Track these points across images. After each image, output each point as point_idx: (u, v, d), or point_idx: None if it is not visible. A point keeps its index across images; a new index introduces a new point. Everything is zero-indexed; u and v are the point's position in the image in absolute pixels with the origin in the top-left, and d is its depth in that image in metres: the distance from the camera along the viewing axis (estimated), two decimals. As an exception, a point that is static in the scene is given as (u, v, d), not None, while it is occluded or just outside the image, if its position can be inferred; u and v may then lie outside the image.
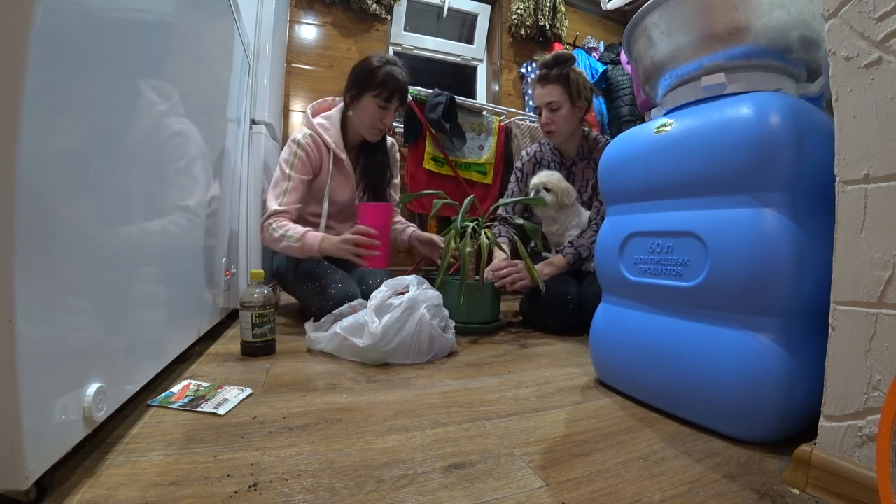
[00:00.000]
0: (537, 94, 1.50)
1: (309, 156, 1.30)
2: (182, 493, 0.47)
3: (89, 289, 0.49)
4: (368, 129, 1.35)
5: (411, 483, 0.51)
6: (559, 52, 1.51)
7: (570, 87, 1.45)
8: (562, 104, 1.46)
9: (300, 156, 1.29)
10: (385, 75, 1.28)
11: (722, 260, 0.64)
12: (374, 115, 1.32)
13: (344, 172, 1.39)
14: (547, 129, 1.50)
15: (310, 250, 1.21)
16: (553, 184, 1.44)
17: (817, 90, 0.72)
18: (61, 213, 0.43)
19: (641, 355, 0.76)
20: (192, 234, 0.91)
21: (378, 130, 1.35)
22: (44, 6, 0.38)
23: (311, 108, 1.41)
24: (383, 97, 1.29)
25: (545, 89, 1.47)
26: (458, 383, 0.87)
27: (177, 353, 0.82)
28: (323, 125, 1.35)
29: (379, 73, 1.28)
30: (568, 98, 1.46)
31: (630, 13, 2.48)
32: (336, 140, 1.35)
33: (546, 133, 1.52)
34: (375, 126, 1.34)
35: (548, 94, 1.46)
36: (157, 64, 0.68)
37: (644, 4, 0.77)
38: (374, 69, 1.29)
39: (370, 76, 1.29)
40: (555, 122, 1.47)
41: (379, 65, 1.30)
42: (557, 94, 1.45)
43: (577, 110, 1.49)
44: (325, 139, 1.33)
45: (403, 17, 2.46)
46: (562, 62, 1.46)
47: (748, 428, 0.63)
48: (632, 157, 0.81)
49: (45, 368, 0.41)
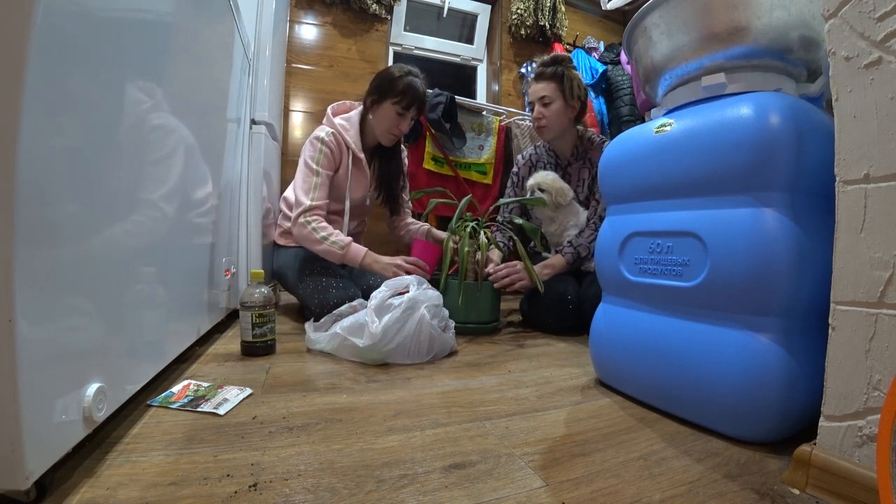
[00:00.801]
0: (532, 90, 1.54)
1: (332, 152, 1.35)
2: (182, 493, 0.47)
3: (89, 289, 0.49)
4: (385, 134, 1.41)
5: (411, 483, 0.51)
6: (558, 53, 1.55)
7: (564, 84, 1.49)
8: (554, 99, 1.49)
9: (325, 152, 1.33)
10: (406, 85, 1.35)
11: (722, 260, 0.64)
12: (392, 121, 1.38)
13: (361, 171, 1.44)
14: (538, 123, 1.53)
15: (351, 261, 1.28)
16: (548, 184, 1.45)
17: (817, 90, 0.72)
18: (61, 213, 0.43)
19: (641, 355, 0.76)
20: (192, 234, 0.91)
21: (394, 136, 1.42)
22: (44, 6, 0.38)
23: (332, 109, 1.46)
24: (403, 105, 1.36)
25: (539, 85, 1.51)
26: (458, 383, 0.87)
27: (177, 353, 0.82)
28: (343, 125, 1.39)
29: (401, 83, 1.35)
30: (561, 94, 1.49)
31: (630, 13, 2.48)
32: (355, 140, 1.40)
33: (537, 129, 1.55)
34: (391, 132, 1.40)
35: (542, 89, 1.50)
36: (157, 64, 0.68)
37: (644, 4, 0.77)
38: (397, 78, 1.36)
39: (392, 84, 1.35)
40: (546, 116, 1.50)
41: (401, 74, 1.37)
42: (550, 90, 1.49)
43: (570, 109, 1.51)
44: (345, 138, 1.38)
45: (403, 17, 2.46)
46: (559, 62, 1.51)
47: (748, 428, 0.63)
48: (632, 157, 0.81)
49: (45, 368, 0.41)
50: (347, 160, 1.39)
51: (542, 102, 1.50)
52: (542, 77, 1.52)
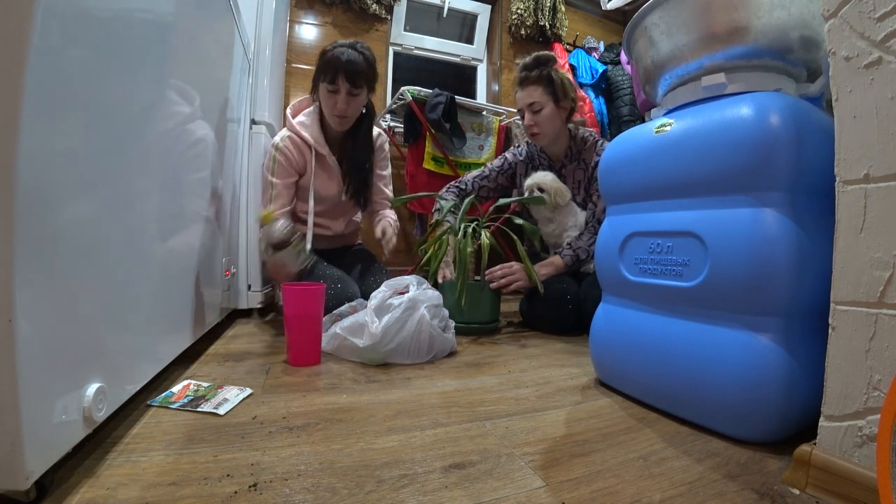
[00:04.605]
0: (518, 98, 1.48)
1: (288, 158, 1.29)
2: (182, 493, 0.47)
3: (89, 289, 0.49)
4: (330, 118, 1.31)
5: (411, 483, 0.51)
6: (539, 53, 1.47)
7: (554, 86, 1.43)
8: (544, 105, 1.43)
9: (279, 160, 1.29)
10: (328, 58, 1.24)
11: (722, 260, 0.64)
12: (329, 101, 1.27)
13: (327, 169, 1.37)
14: (531, 131, 1.48)
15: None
16: (547, 184, 1.44)
17: (817, 90, 0.72)
18: (61, 213, 0.43)
19: (641, 355, 0.76)
20: (192, 234, 0.91)
21: (338, 118, 1.29)
22: (44, 6, 0.38)
23: (291, 109, 1.38)
24: (328, 79, 1.24)
25: (525, 91, 1.45)
26: (458, 383, 0.87)
27: (177, 353, 0.82)
28: (303, 123, 1.33)
29: (323, 58, 1.25)
30: (551, 98, 1.44)
31: (630, 13, 2.48)
32: (316, 137, 1.32)
33: (531, 136, 1.50)
34: (333, 112, 1.28)
35: (528, 95, 1.44)
36: (157, 64, 0.68)
37: (644, 4, 0.77)
38: (322, 55, 1.27)
39: (319, 63, 1.27)
40: (538, 123, 1.45)
41: (327, 49, 1.27)
42: (538, 95, 1.43)
43: (561, 111, 1.46)
44: (304, 137, 1.31)
45: (403, 17, 2.46)
46: (542, 63, 1.44)
47: (748, 428, 0.63)
48: (632, 157, 0.81)
49: (45, 368, 0.41)
50: (311, 159, 1.32)
51: (531, 109, 1.44)
52: (527, 82, 1.44)
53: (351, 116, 1.31)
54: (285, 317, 0.93)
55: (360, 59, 1.24)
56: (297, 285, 0.98)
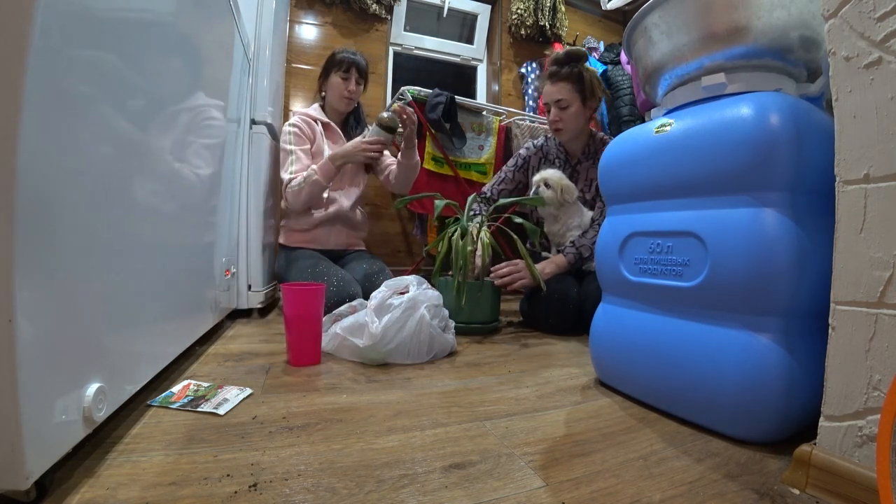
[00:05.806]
0: (546, 91, 1.48)
1: (301, 129, 1.53)
2: (182, 493, 0.47)
3: (89, 289, 0.49)
4: (339, 100, 1.61)
5: (411, 483, 0.51)
6: (571, 49, 1.47)
7: (584, 85, 1.43)
8: (571, 102, 1.44)
9: (294, 132, 1.51)
10: (341, 57, 1.61)
11: (722, 260, 0.64)
12: (339, 86, 1.60)
13: (333, 134, 1.63)
14: (555, 126, 1.48)
15: (328, 174, 1.45)
16: (554, 180, 1.43)
17: (817, 90, 0.72)
18: (61, 212, 0.43)
19: (641, 355, 0.76)
20: (192, 234, 0.91)
21: (346, 98, 1.61)
22: (44, 6, 0.38)
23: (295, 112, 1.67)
24: (343, 69, 1.59)
25: (555, 87, 1.45)
26: (458, 383, 0.87)
27: (177, 353, 0.82)
28: (306, 111, 1.63)
29: (336, 57, 1.62)
30: (579, 96, 1.44)
31: (630, 13, 2.48)
32: (320, 115, 1.62)
33: (554, 131, 1.51)
34: (343, 95, 1.60)
35: (557, 91, 1.44)
36: (157, 64, 0.68)
37: (644, 4, 0.77)
38: (334, 55, 1.63)
39: (331, 60, 1.62)
40: (563, 119, 1.45)
41: (337, 52, 1.63)
42: (567, 93, 1.43)
43: (588, 109, 1.46)
44: (312, 115, 1.60)
45: (403, 17, 2.46)
46: (574, 59, 1.44)
47: (748, 428, 0.63)
48: (632, 157, 0.81)
49: (45, 368, 0.41)
50: (319, 129, 1.59)
51: (558, 105, 1.44)
52: (557, 77, 1.44)
53: (354, 99, 1.66)
54: (285, 317, 0.94)
55: (363, 62, 1.65)
56: (298, 285, 0.99)
